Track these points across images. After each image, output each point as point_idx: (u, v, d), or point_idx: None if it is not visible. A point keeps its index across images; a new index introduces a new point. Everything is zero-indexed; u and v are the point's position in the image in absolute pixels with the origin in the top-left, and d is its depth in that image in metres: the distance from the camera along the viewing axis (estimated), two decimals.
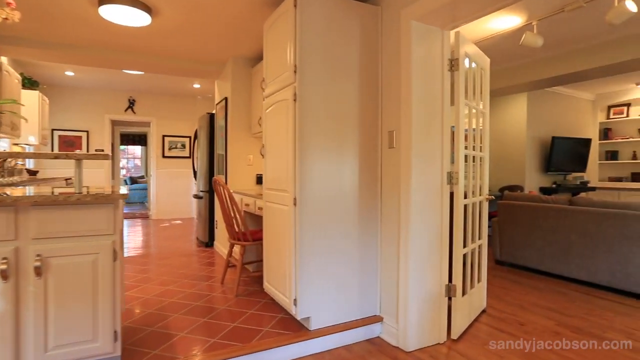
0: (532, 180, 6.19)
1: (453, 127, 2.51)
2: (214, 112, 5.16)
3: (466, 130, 2.64)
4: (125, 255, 4.68)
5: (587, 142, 6.55)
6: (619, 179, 6.84)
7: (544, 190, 6.22)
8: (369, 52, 2.59)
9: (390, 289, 2.53)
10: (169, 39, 3.91)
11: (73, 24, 3.50)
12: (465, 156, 2.60)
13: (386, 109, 2.59)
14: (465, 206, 2.64)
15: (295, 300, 2.40)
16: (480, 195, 2.91)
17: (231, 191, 4.42)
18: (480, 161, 2.91)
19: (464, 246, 2.63)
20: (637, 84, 6.20)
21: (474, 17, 2.29)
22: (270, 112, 2.76)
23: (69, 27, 3.58)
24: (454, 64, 2.46)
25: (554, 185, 6.34)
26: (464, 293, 2.64)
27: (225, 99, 4.59)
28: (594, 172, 7.01)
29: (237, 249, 4.26)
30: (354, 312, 2.56)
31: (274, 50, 2.68)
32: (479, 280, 2.95)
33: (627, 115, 6.73)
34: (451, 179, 2.49)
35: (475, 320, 2.84)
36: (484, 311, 3.01)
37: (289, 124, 2.42)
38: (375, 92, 2.63)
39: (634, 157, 6.67)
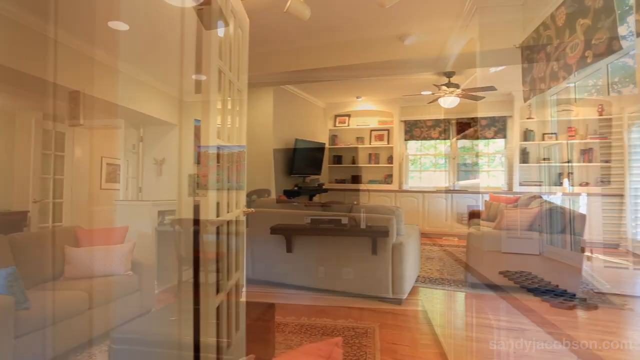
0: (278, 183, 5.99)
1: (198, 120, 1.50)
2: None
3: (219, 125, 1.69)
4: None
5: (321, 147, 6.99)
6: (343, 181, 7.71)
7: (288, 193, 6.14)
8: None
9: None
10: None
11: None
12: (218, 149, 1.65)
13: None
14: (218, 228, 1.68)
15: None
16: (237, 207, 2.02)
17: None
18: (239, 158, 2.03)
19: (218, 291, 1.67)
20: (357, 98, 7.07)
21: None
22: None
23: None
24: None
25: (296, 188, 6.38)
26: None
27: None
28: (325, 174, 7.63)
29: None
30: None
31: None
32: (237, 329, 2.06)
33: (349, 125, 7.67)
34: (197, 185, 1.46)
35: None
36: None
37: None
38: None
39: (353, 161, 7.65)
